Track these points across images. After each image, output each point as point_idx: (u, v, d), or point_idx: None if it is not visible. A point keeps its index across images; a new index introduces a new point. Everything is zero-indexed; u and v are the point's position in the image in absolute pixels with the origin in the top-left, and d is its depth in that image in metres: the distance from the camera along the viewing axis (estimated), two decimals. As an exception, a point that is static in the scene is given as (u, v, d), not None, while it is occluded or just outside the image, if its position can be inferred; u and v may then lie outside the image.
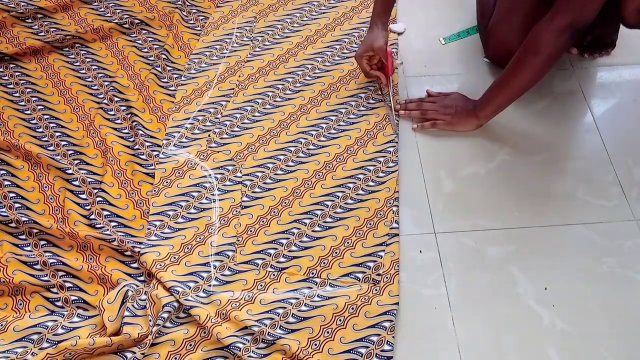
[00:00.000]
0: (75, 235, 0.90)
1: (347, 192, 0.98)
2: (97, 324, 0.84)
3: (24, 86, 1.13)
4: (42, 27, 1.22)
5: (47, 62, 1.17)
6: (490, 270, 0.90)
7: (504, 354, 0.82)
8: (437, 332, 0.85)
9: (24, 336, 0.82)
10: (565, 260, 0.91)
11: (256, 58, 1.19)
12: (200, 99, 1.12)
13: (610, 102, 1.13)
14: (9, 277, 0.86)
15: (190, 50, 1.21)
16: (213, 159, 1.03)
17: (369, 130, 1.07)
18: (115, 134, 1.05)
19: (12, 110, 1.09)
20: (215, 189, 0.99)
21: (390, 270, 0.89)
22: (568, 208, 0.97)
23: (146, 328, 0.82)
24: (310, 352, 0.80)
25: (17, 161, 1.01)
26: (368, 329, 0.83)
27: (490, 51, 1.15)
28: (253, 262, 0.91)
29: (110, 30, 1.22)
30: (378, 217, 0.95)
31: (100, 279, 0.88)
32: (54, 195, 0.98)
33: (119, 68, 1.17)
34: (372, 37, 1.04)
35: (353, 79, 1.15)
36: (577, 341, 0.84)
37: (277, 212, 0.96)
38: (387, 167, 1.01)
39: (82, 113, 1.09)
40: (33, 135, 1.06)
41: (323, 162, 1.02)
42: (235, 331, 0.82)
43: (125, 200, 0.98)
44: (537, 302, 0.87)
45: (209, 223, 0.95)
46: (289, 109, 1.10)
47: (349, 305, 0.85)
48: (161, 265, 0.89)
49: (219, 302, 0.86)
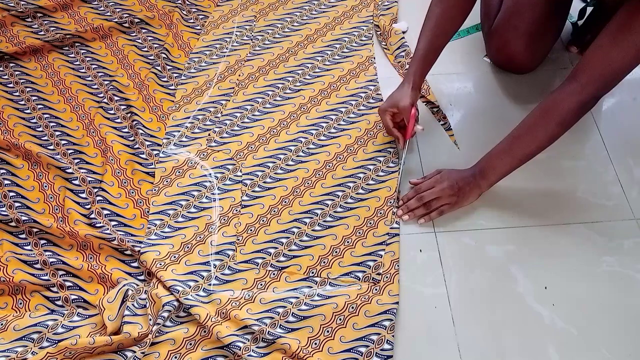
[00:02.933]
0: (75, 234, 0.90)
1: (347, 191, 0.98)
2: (97, 323, 0.84)
3: (23, 85, 1.13)
4: (41, 26, 1.22)
5: (47, 61, 1.17)
6: (490, 270, 0.90)
7: (504, 353, 0.83)
8: (437, 331, 0.85)
9: (24, 335, 0.82)
10: (565, 260, 0.91)
11: (256, 57, 1.19)
12: (200, 98, 1.12)
13: (610, 101, 1.13)
14: (9, 276, 0.86)
15: (190, 49, 1.21)
16: (213, 158, 1.03)
17: (369, 130, 1.06)
18: (115, 133, 1.05)
19: (12, 110, 1.09)
20: (215, 188, 0.99)
21: (391, 270, 0.89)
22: (568, 207, 0.97)
23: (146, 327, 0.82)
24: (310, 351, 0.80)
25: (17, 160, 1.01)
26: (368, 328, 0.83)
27: (492, 53, 1.15)
28: (253, 261, 0.91)
29: (110, 29, 1.22)
30: (378, 216, 0.95)
31: (101, 278, 0.88)
32: (54, 194, 0.98)
33: (119, 67, 1.16)
34: (400, 95, 0.96)
35: (353, 78, 1.15)
36: (577, 340, 0.84)
37: (277, 211, 0.96)
38: (387, 167, 1.01)
39: (82, 112, 1.09)
40: (33, 134, 1.06)
41: (323, 161, 1.02)
42: (235, 330, 0.82)
43: (125, 200, 0.98)
44: (537, 301, 0.87)
45: (209, 222, 0.95)
46: (289, 108, 1.10)
47: (349, 304, 0.85)
48: (161, 264, 0.89)
49: (219, 301, 0.86)
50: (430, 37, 0.95)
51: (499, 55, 1.13)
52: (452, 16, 0.94)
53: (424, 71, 0.98)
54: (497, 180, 0.92)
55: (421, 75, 0.98)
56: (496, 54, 1.13)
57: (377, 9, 1.27)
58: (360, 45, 1.21)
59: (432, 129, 1.08)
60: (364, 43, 1.21)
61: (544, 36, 1.08)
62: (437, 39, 0.95)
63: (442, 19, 0.93)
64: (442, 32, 0.95)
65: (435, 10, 0.94)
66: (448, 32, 0.95)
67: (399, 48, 1.18)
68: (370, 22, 1.25)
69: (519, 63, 1.11)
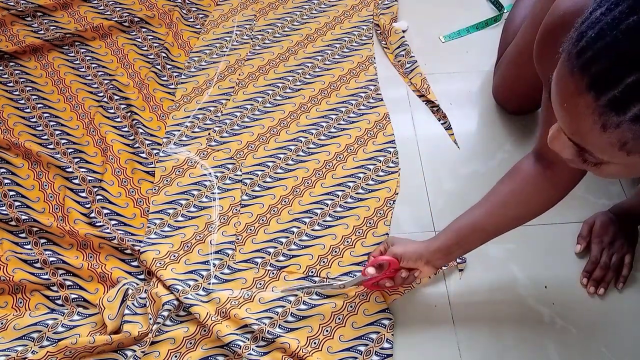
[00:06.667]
0: (75, 233, 0.90)
1: (347, 190, 0.98)
2: (97, 322, 0.84)
3: (23, 84, 1.13)
4: (41, 25, 1.22)
5: (47, 60, 1.17)
6: (490, 269, 0.90)
7: (504, 352, 0.83)
8: (437, 330, 0.85)
9: (24, 334, 0.82)
10: (565, 259, 0.91)
11: (256, 56, 1.19)
12: (201, 98, 1.12)
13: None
14: (9, 276, 0.86)
15: (190, 48, 1.21)
16: (213, 157, 1.03)
17: (369, 129, 1.06)
18: (115, 132, 1.05)
19: (12, 109, 1.09)
20: (215, 188, 0.99)
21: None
22: (568, 206, 0.97)
23: (146, 326, 0.82)
24: (309, 351, 0.81)
25: (16, 159, 1.01)
26: (367, 327, 0.83)
27: (493, 88, 1.10)
28: (252, 260, 0.91)
29: (109, 28, 1.22)
30: (378, 216, 0.95)
31: (101, 277, 0.88)
32: (54, 193, 0.98)
33: (119, 66, 1.16)
34: (402, 243, 0.81)
35: (353, 78, 1.15)
36: (577, 339, 0.84)
37: (277, 210, 0.96)
38: (387, 167, 1.01)
39: (82, 111, 1.09)
40: (33, 133, 1.06)
41: (323, 161, 1.02)
42: (235, 329, 0.82)
43: (125, 199, 0.98)
44: (537, 300, 0.87)
45: (209, 221, 0.95)
46: (289, 108, 1.10)
47: (348, 303, 0.85)
48: (161, 263, 0.89)
49: (218, 300, 0.86)
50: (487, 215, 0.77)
51: (499, 91, 1.09)
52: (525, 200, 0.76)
53: (448, 254, 0.79)
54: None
55: (443, 256, 0.78)
56: (496, 89, 1.10)
57: (377, 8, 1.27)
58: (361, 45, 1.21)
59: (432, 129, 1.08)
60: (364, 42, 1.21)
61: (533, 91, 0.95)
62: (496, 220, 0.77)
63: (512, 198, 0.76)
64: (506, 214, 0.77)
65: (503, 189, 0.77)
66: (514, 217, 0.77)
67: (399, 47, 1.18)
68: (370, 21, 1.25)
69: (511, 110, 1.08)
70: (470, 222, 0.78)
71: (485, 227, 0.78)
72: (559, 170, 0.73)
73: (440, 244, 0.78)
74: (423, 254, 0.78)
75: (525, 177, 0.75)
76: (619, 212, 0.91)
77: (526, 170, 0.76)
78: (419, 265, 0.78)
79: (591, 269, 0.89)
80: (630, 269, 0.89)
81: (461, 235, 0.78)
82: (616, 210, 0.92)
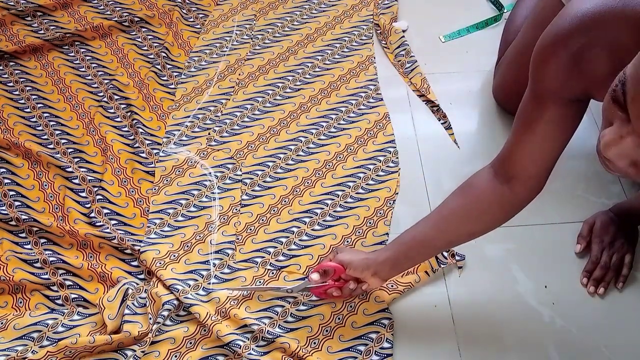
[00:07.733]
0: (75, 233, 0.90)
1: (347, 190, 0.98)
2: (97, 322, 0.84)
3: (23, 84, 1.13)
4: (41, 25, 1.22)
5: (47, 60, 1.17)
6: (490, 269, 0.90)
7: (504, 352, 0.83)
8: (437, 330, 0.85)
9: (25, 334, 0.82)
10: (565, 258, 0.91)
11: (256, 56, 1.19)
12: (201, 97, 1.12)
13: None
14: (9, 275, 0.86)
15: (190, 48, 1.21)
16: (213, 157, 1.03)
17: (369, 129, 1.06)
18: (115, 132, 1.05)
19: (12, 109, 1.09)
20: (215, 187, 0.99)
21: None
22: (568, 206, 0.97)
23: (146, 326, 0.82)
24: (309, 351, 0.81)
25: (16, 159, 1.01)
26: (367, 327, 0.83)
27: (493, 88, 1.10)
28: (252, 260, 0.91)
29: (109, 28, 1.22)
30: (378, 215, 0.95)
31: (101, 277, 0.88)
32: (54, 193, 0.98)
33: (119, 66, 1.16)
34: (350, 251, 0.80)
35: (353, 77, 1.15)
36: (577, 339, 0.84)
37: (277, 210, 0.96)
38: (387, 167, 1.01)
39: (82, 111, 1.09)
40: (33, 133, 1.06)
41: (323, 161, 1.02)
42: (235, 329, 0.82)
43: (125, 199, 0.98)
44: (537, 300, 0.87)
45: (209, 221, 0.95)
46: (289, 107, 1.10)
47: (347, 303, 0.85)
48: (161, 263, 0.89)
49: (218, 299, 0.86)
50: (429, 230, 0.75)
51: (499, 91, 1.09)
52: (474, 215, 0.73)
53: (396, 266, 0.77)
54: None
55: (391, 268, 0.76)
56: (496, 88, 1.09)
57: (377, 7, 1.27)
58: (361, 45, 1.21)
59: (432, 129, 1.08)
60: (364, 42, 1.21)
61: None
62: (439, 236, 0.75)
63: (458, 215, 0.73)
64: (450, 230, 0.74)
65: (456, 205, 0.74)
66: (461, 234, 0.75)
67: (399, 47, 1.18)
68: (370, 21, 1.25)
69: (510, 110, 1.07)
70: (421, 236, 0.75)
71: (435, 242, 0.75)
72: (518, 185, 0.69)
73: (389, 255, 0.75)
74: (370, 264, 0.75)
75: (478, 195, 0.71)
76: (619, 212, 0.91)
77: (481, 186, 0.71)
78: (365, 276, 0.76)
79: (591, 269, 0.89)
80: (630, 268, 0.89)
81: (411, 248, 0.76)
82: (616, 210, 0.92)
